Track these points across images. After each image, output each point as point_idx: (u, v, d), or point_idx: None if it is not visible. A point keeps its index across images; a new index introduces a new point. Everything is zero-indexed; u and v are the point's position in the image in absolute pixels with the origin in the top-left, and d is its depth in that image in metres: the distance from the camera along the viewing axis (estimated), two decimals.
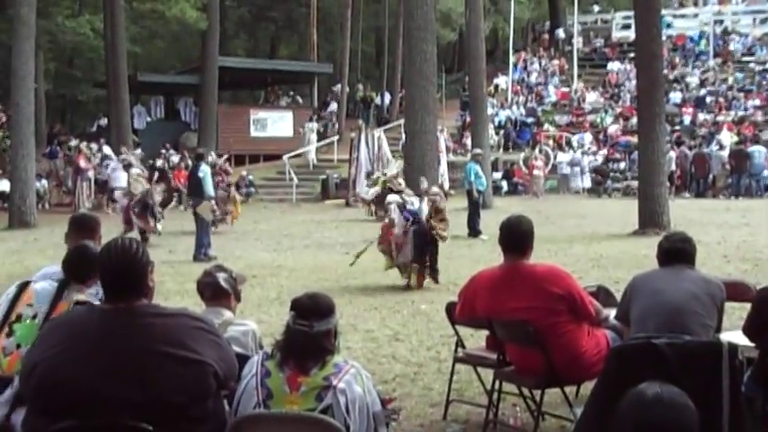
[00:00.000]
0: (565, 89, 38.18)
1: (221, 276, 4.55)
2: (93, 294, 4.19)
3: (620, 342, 4.71)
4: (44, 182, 25.99)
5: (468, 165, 18.20)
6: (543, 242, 13.91)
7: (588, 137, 32.72)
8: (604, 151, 31.12)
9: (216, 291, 4.54)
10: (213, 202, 15.07)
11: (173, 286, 11.48)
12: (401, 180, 17.30)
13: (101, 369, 2.98)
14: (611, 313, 5.02)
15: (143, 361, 3.00)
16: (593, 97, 36.76)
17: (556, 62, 41.36)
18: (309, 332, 3.51)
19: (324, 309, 3.59)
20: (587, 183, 29.73)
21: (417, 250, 11.21)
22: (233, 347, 3.62)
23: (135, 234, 16.27)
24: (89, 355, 3.01)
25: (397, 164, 21.60)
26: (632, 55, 38.72)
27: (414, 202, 11.64)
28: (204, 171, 14.68)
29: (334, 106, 37.78)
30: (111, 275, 3.14)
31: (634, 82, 32.14)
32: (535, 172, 28.53)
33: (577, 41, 40.80)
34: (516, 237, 5.01)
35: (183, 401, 3.03)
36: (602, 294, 5.86)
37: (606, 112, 34.94)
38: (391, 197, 12.15)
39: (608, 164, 30.15)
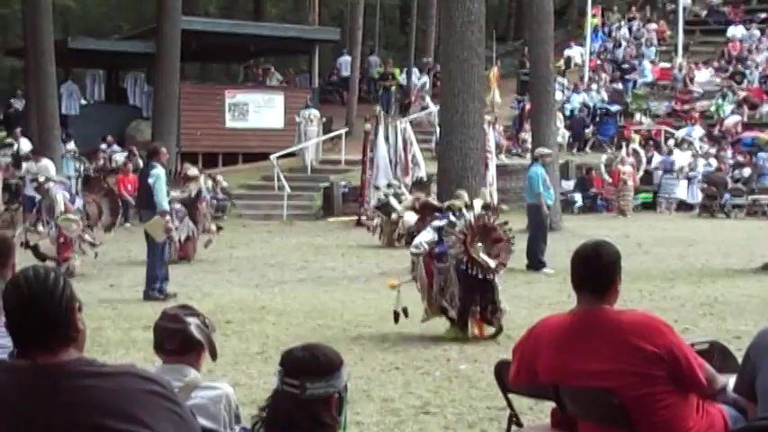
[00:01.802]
0: (665, 64, 38.14)
1: (193, 323, 4.58)
2: None
3: (744, 423, 4.67)
4: None
5: (533, 169, 18.13)
6: (633, 279, 13.88)
7: (698, 132, 32.65)
8: (726, 153, 30.92)
9: (184, 343, 4.57)
10: (168, 217, 15.04)
11: (114, 334, 11.50)
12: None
13: None
14: (731, 381, 4.99)
15: None
16: (705, 76, 36.71)
17: (653, 26, 41.35)
18: (299, 396, 3.51)
19: (322, 365, 3.60)
20: (696, 196, 29.65)
21: (466, 290, 11.25)
22: (199, 419, 3.63)
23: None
24: None
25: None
26: (764, 15, 38.77)
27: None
28: (156, 175, 14.69)
29: (424, 79, 37.70)
30: (21, 318, 3.10)
31: (765, 54, 32.25)
32: (622, 180, 28.47)
33: None
34: (594, 271, 5.00)
35: None
36: (718, 355, 5.83)
37: (724, 97, 34.89)
38: (418, 240, 11.84)
39: (726, 171, 30.02)
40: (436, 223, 11.67)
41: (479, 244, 11.33)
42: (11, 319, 3.14)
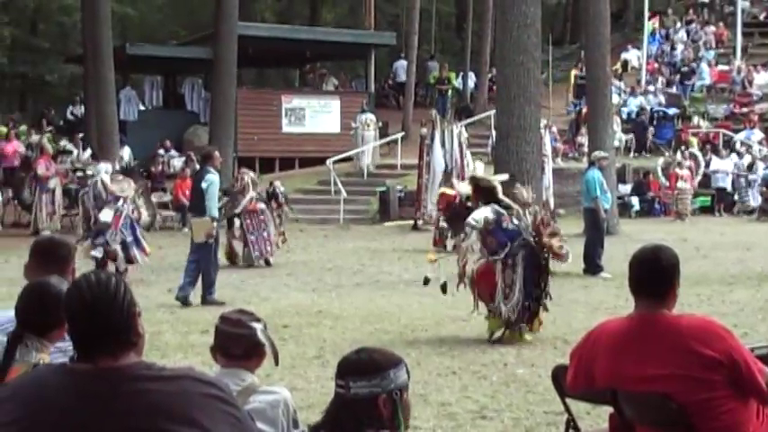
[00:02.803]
0: (724, 68, 37.79)
1: (258, 328, 4.62)
2: (58, 352, 4.24)
3: None
4: None
5: (590, 173, 18.07)
6: (691, 284, 13.77)
7: (757, 135, 32.33)
8: None
9: (250, 348, 4.61)
10: (215, 224, 15.03)
11: (173, 339, 11.60)
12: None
13: None
14: None
15: None
16: (764, 78, 36.35)
17: (711, 29, 41.00)
18: (345, 396, 3.53)
19: (365, 364, 3.60)
20: (755, 200, 29.34)
21: (529, 279, 11.25)
22: (257, 424, 3.65)
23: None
24: None
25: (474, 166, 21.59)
26: None
27: (516, 215, 11.62)
28: (210, 180, 14.68)
29: None
30: (82, 323, 3.13)
31: None
32: (679, 184, 28.26)
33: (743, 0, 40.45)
34: (653, 276, 4.97)
35: None
36: None
37: None
38: (478, 215, 11.84)
39: None
40: (498, 207, 11.63)
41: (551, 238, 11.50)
42: (73, 323, 3.16)
